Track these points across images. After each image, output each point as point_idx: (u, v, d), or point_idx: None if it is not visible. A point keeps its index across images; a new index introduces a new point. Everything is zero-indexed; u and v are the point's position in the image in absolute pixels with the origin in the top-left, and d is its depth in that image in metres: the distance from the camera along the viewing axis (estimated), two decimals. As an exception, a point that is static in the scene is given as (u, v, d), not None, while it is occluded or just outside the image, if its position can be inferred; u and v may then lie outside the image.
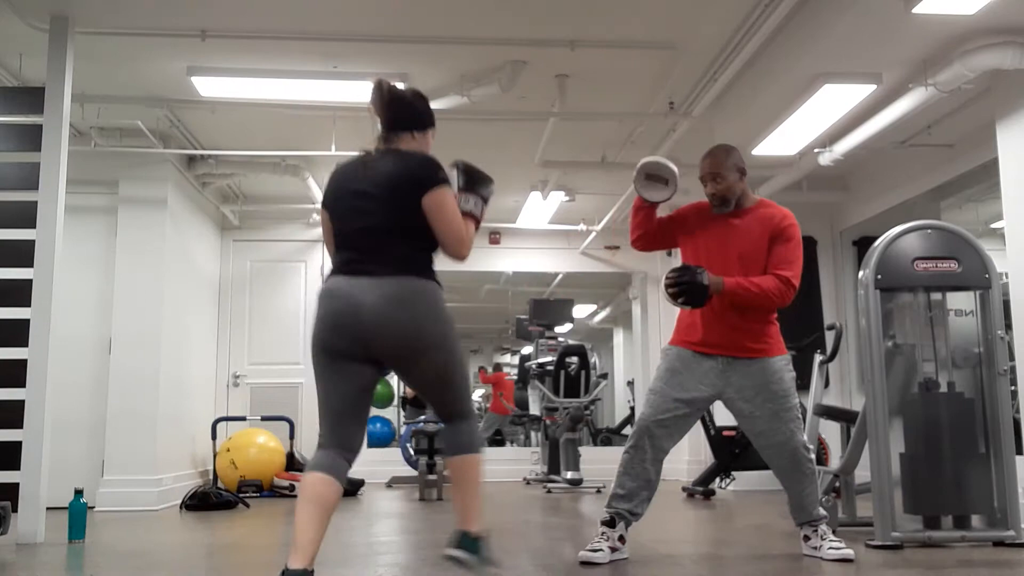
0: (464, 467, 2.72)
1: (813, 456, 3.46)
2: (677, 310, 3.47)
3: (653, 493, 3.41)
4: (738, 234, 3.41)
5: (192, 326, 6.90)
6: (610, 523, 3.36)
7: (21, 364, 4.31)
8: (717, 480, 6.64)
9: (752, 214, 3.43)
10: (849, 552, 3.34)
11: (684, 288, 3.25)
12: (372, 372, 2.63)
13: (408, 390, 11.55)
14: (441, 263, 2.69)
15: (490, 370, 11.82)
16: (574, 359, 7.60)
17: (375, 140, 2.78)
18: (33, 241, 4.40)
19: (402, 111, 2.77)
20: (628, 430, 10.24)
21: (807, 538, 3.48)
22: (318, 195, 7.11)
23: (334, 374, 2.58)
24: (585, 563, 3.27)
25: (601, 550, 3.30)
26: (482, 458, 2.75)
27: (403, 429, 8.99)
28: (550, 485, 7.15)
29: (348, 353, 2.56)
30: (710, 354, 3.40)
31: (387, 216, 2.63)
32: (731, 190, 3.41)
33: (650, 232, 3.53)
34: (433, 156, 2.73)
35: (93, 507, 5.75)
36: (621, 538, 3.37)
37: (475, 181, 2.81)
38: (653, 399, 3.39)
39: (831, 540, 3.41)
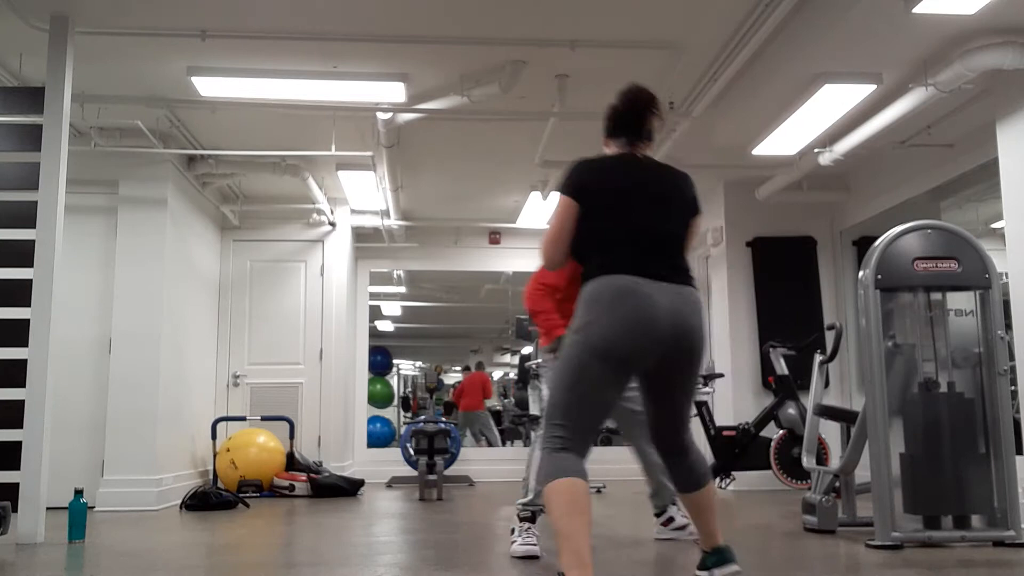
0: (712, 494, 2.68)
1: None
2: None
3: None
4: None
5: (192, 326, 6.90)
6: (532, 519, 3.73)
7: (21, 364, 4.32)
8: (717, 480, 6.64)
9: None
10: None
11: None
12: (629, 382, 2.57)
13: (412, 391, 11.55)
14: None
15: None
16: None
17: (617, 143, 2.78)
18: (33, 241, 4.40)
19: (653, 120, 2.78)
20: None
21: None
22: (318, 195, 7.12)
23: (611, 380, 2.43)
24: (526, 556, 3.53)
25: (536, 544, 3.63)
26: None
27: (403, 429, 8.99)
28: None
29: (634, 359, 2.44)
30: None
31: (680, 226, 2.66)
32: None
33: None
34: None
35: (93, 507, 5.76)
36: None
37: None
38: None
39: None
